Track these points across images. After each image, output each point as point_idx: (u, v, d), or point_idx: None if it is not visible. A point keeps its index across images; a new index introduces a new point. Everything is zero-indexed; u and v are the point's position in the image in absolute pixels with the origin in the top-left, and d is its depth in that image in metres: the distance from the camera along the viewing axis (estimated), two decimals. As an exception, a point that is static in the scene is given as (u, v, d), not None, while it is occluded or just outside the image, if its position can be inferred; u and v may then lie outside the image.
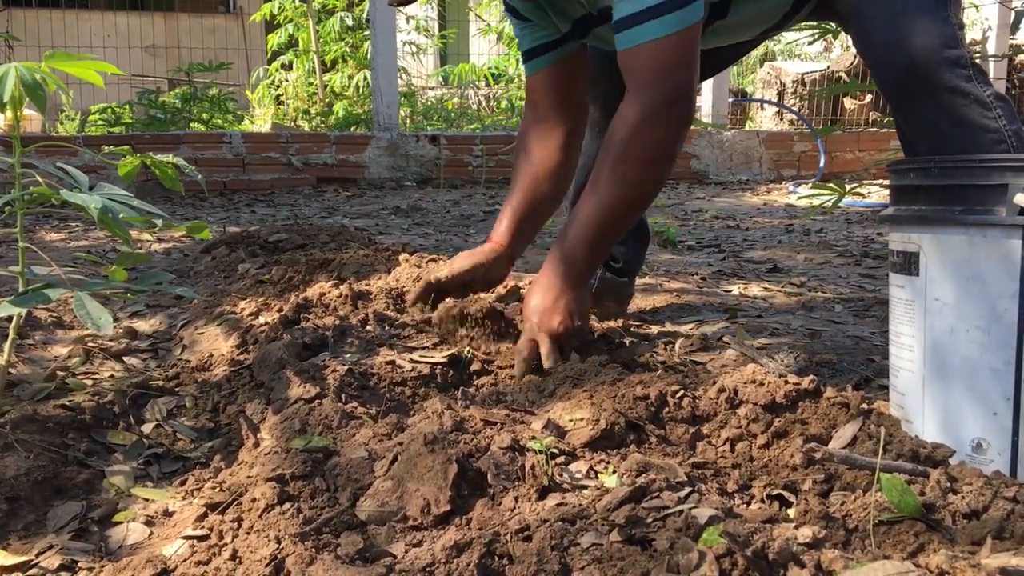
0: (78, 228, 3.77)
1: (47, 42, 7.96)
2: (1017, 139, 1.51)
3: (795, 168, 6.35)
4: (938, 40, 1.51)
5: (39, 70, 1.32)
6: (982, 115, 1.51)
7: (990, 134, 1.51)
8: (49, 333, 1.96)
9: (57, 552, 1.02)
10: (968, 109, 1.51)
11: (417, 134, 5.81)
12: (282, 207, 4.69)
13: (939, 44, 1.51)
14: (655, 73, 1.47)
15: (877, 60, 1.58)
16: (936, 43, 1.51)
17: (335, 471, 1.07)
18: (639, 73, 1.49)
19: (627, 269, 2.07)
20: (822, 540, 0.86)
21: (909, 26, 1.53)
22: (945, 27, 1.52)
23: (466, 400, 1.29)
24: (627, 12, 1.47)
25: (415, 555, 0.90)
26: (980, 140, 1.49)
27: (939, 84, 1.51)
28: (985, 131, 1.51)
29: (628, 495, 0.93)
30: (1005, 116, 1.52)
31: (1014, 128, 1.52)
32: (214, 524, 1.00)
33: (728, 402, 1.22)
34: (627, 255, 2.06)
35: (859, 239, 3.57)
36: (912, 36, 1.53)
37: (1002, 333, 1.08)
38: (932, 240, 1.13)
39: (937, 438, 1.14)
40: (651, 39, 1.46)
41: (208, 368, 1.68)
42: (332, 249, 2.63)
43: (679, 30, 1.45)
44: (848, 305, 2.30)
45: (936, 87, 1.51)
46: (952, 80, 1.51)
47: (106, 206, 1.29)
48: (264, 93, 7.17)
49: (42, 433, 1.27)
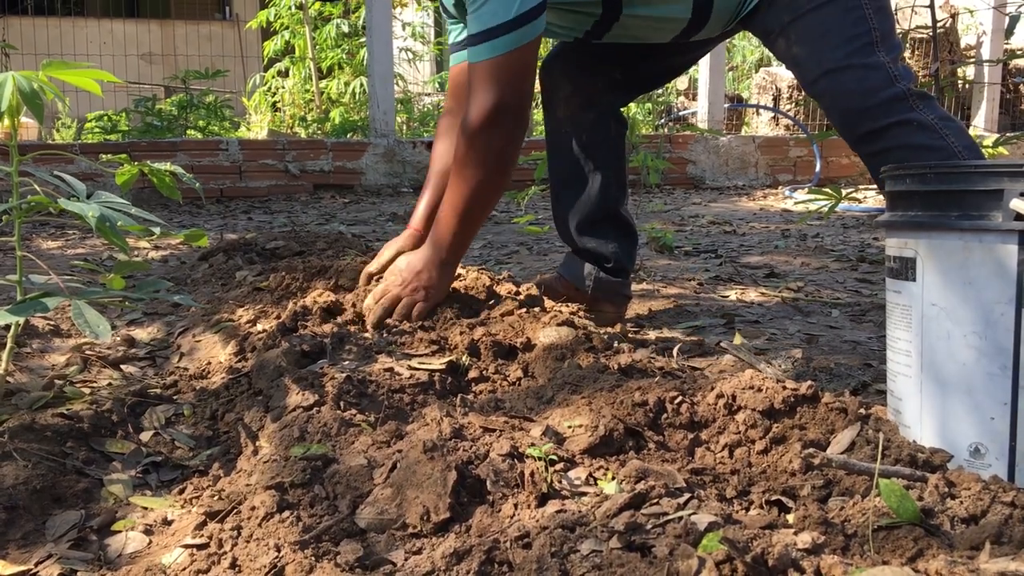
0: (75, 236, 3.77)
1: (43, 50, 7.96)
2: (969, 152, 1.62)
3: (791, 173, 6.36)
4: (873, 85, 1.65)
5: (37, 79, 1.32)
6: (931, 138, 1.63)
7: (941, 152, 1.62)
8: (47, 341, 1.96)
9: (56, 561, 1.02)
10: (916, 136, 1.63)
11: (414, 140, 5.82)
12: (279, 214, 4.69)
13: (874, 88, 1.65)
14: (489, 86, 1.64)
15: (822, 105, 1.74)
16: (871, 88, 1.65)
17: (334, 479, 1.07)
18: (476, 86, 1.66)
19: (620, 268, 2.08)
20: (821, 546, 0.86)
21: (843, 79, 1.67)
22: (877, 72, 1.66)
23: (465, 407, 1.29)
24: (472, 31, 1.65)
25: (415, 563, 0.90)
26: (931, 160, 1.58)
27: (883, 123, 1.64)
28: (935, 151, 1.62)
29: (627, 502, 0.93)
30: (953, 134, 1.64)
31: (964, 143, 1.63)
32: (213, 532, 1.00)
33: (726, 408, 1.23)
34: (617, 253, 2.07)
35: (855, 244, 3.58)
36: (848, 88, 1.67)
37: (998, 338, 1.08)
38: (928, 245, 1.14)
39: (934, 443, 1.14)
40: (487, 58, 1.64)
41: (206, 376, 1.68)
42: (329, 256, 2.63)
43: (511, 50, 1.62)
44: (845, 310, 2.30)
45: (881, 126, 1.65)
46: (894, 115, 1.64)
47: (103, 214, 1.29)
48: (261, 100, 7.17)
49: (40, 442, 1.27)
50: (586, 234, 2.08)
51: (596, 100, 2.04)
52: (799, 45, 1.72)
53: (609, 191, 2.06)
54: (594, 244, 2.07)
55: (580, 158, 2.05)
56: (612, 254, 2.07)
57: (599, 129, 2.05)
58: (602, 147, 2.06)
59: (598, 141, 2.06)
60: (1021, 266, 1.05)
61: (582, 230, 2.08)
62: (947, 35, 6.75)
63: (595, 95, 2.03)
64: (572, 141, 2.05)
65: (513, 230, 4.01)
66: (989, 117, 7.00)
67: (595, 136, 2.05)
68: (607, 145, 2.07)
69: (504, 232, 3.99)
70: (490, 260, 3.18)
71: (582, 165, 2.05)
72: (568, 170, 2.07)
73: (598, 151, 2.05)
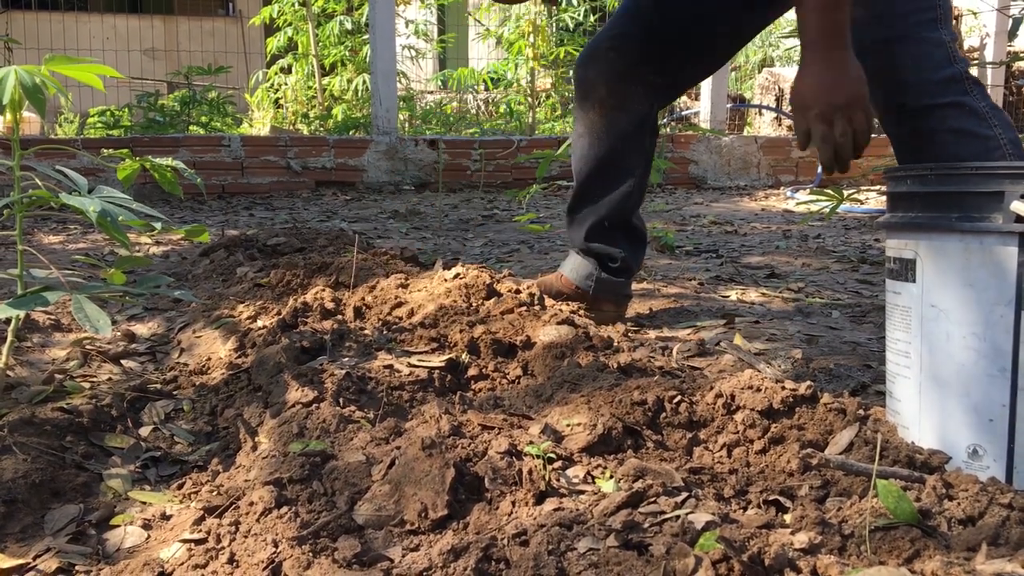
0: (77, 230, 3.77)
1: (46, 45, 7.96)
2: (1013, 147, 1.56)
3: (793, 174, 6.36)
4: (934, 62, 1.60)
5: (39, 73, 1.32)
6: (979, 125, 1.58)
7: (987, 142, 1.57)
8: (47, 336, 1.96)
9: (54, 555, 1.03)
10: (966, 121, 1.58)
11: (416, 138, 5.82)
12: (280, 211, 4.69)
13: (935, 65, 1.60)
14: None
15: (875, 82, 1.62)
16: (932, 65, 1.60)
17: (333, 475, 1.07)
18: None
19: (625, 268, 2.08)
20: (818, 546, 0.86)
21: (905, 51, 1.61)
22: (940, 49, 1.61)
23: (464, 405, 1.29)
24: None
25: (412, 559, 0.90)
26: (976, 148, 1.54)
27: (937, 101, 1.59)
28: (982, 139, 1.57)
29: (625, 500, 0.93)
30: (1000, 125, 1.59)
31: (1010, 137, 1.58)
32: (211, 528, 1.00)
33: (725, 407, 1.23)
34: (625, 256, 2.07)
35: (856, 245, 3.57)
36: (909, 60, 1.61)
37: (998, 340, 1.08)
38: (928, 247, 1.14)
39: (933, 444, 1.14)
40: None
41: (206, 372, 1.68)
42: (330, 253, 2.63)
43: None
44: (845, 311, 2.30)
45: (934, 105, 1.59)
46: (949, 96, 1.59)
47: (104, 209, 1.29)
48: (263, 96, 7.17)
49: (40, 436, 1.27)
50: (597, 236, 2.06)
51: (630, 106, 1.99)
52: (862, 4, 1.58)
53: (630, 199, 2.05)
54: (602, 246, 2.06)
55: (608, 162, 2.01)
56: (619, 255, 2.06)
57: (631, 135, 2.02)
58: (631, 155, 2.03)
59: (629, 148, 2.02)
60: (1021, 268, 1.05)
61: (594, 232, 2.06)
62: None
63: (630, 100, 1.99)
64: (602, 144, 2.01)
65: (515, 228, 4.01)
66: (992, 119, 6.98)
67: (626, 143, 2.02)
68: (637, 153, 2.04)
69: (505, 230, 3.99)
70: (491, 258, 3.18)
71: (608, 169, 2.02)
72: (593, 172, 2.03)
73: (627, 158, 2.02)
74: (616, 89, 1.98)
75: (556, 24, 7.37)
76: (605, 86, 1.99)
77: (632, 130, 2.01)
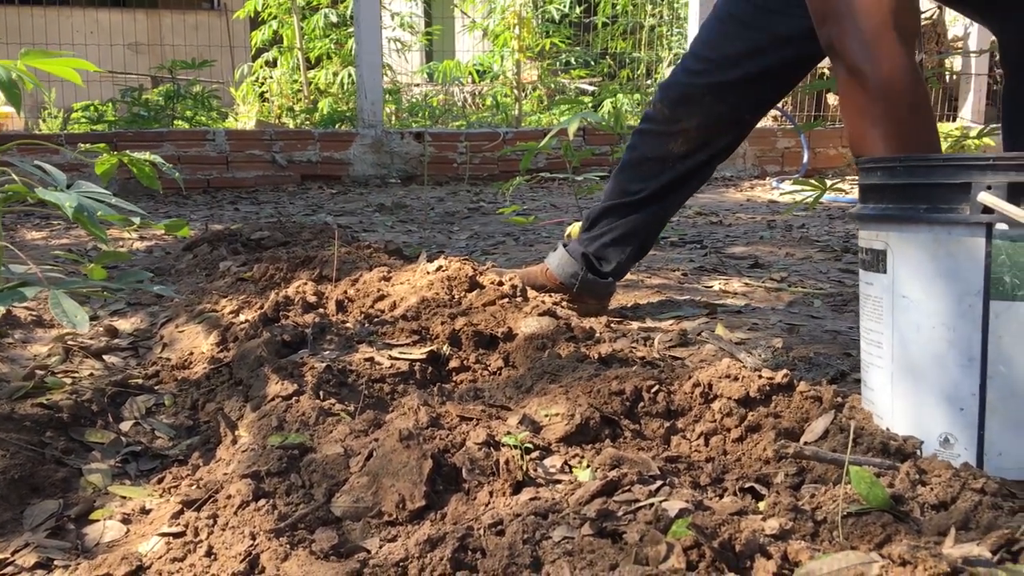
0: (60, 226, 3.75)
1: (28, 39, 7.91)
2: None
3: (779, 164, 6.38)
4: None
5: (15, 67, 1.32)
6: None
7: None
8: (29, 332, 1.96)
9: (33, 550, 1.03)
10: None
11: (402, 131, 5.81)
12: (266, 205, 4.68)
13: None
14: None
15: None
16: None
17: (311, 467, 1.07)
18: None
19: (615, 273, 2.08)
20: (789, 532, 0.87)
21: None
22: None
23: (443, 396, 1.30)
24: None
25: (389, 550, 0.91)
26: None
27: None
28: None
29: (600, 489, 0.94)
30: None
31: None
32: (190, 521, 1.00)
33: (703, 396, 1.24)
34: (620, 262, 2.07)
35: (840, 235, 3.59)
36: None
37: (967, 329, 1.09)
38: (899, 238, 1.15)
39: (906, 433, 1.15)
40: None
41: (188, 366, 1.68)
42: (315, 247, 2.63)
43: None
44: (827, 300, 2.32)
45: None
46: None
47: (81, 204, 1.29)
48: (248, 90, 7.14)
49: (19, 432, 1.27)
50: (606, 245, 2.05)
51: (713, 141, 1.95)
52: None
53: (655, 226, 2.06)
54: (602, 251, 2.05)
55: (660, 189, 1.98)
56: (616, 260, 2.06)
57: (697, 172, 1.99)
58: (685, 188, 2.02)
59: (687, 184, 2.01)
60: (989, 259, 1.07)
61: (608, 242, 2.04)
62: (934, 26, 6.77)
63: (715, 136, 1.95)
64: (665, 173, 1.97)
65: (500, 221, 4.01)
66: (976, 108, 7.03)
67: (690, 178, 2.00)
68: (689, 187, 2.03)
69: (491, 223, 3.99)
70: (476, 251, 3.19)
71: (657, 196, 2.00)
72: (641, 193, 1.99)
73: (679, 191, 2.01)
74: (709, 123, 1.92)
75: (542, 15, 7.36)
76: (701, 115, 1.92)
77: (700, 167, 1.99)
